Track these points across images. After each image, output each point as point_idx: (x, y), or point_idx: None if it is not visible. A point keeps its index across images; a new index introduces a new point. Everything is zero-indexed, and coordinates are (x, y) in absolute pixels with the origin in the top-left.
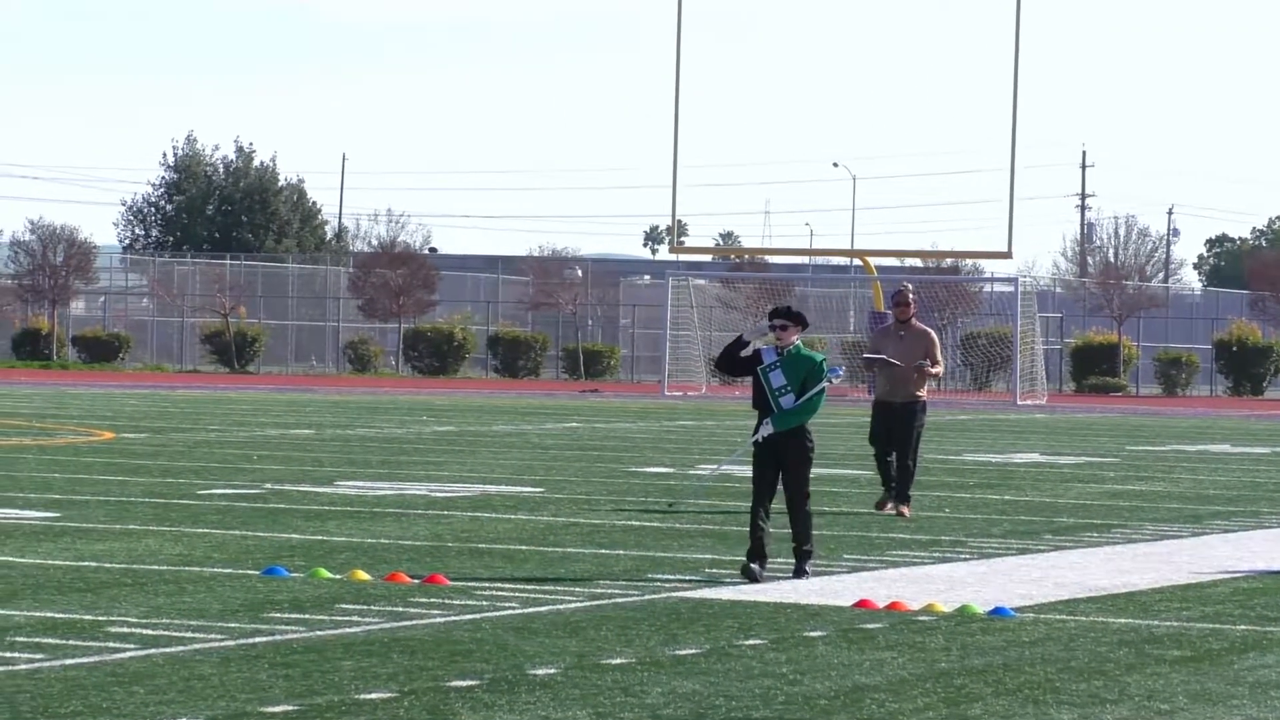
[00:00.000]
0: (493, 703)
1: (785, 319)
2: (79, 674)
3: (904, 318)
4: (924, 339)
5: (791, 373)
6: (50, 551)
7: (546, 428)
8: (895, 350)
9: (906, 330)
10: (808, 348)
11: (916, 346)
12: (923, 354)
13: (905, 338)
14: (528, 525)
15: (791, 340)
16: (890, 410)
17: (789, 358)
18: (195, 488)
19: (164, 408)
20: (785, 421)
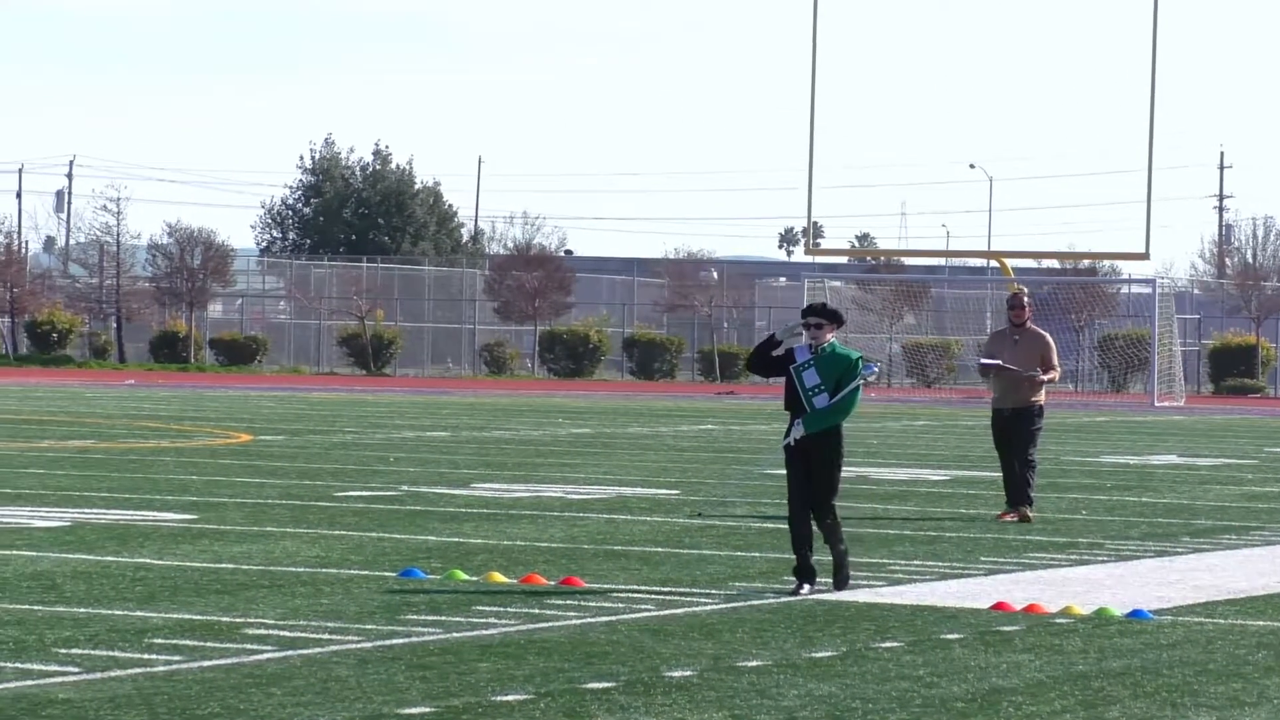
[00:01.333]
0: (629, 705)
1: (820, 317)
2: (216, 676)
3: (1019, 321)
4: (1039, 343)
5: (826, 372)
6: (188, 553)
7: (682, 430)
8: (1010, 355)
9: (1022, 334)
10: (843, 346)
11: (1032, 351)
12: (1038, 359)
13: (1020, 342)
14: (663, 527)
15: (826, 339)
16: (1007, 415)
17: (823, 357)
18: (332, 490)
19: (300, 410)
20: (817, 422)
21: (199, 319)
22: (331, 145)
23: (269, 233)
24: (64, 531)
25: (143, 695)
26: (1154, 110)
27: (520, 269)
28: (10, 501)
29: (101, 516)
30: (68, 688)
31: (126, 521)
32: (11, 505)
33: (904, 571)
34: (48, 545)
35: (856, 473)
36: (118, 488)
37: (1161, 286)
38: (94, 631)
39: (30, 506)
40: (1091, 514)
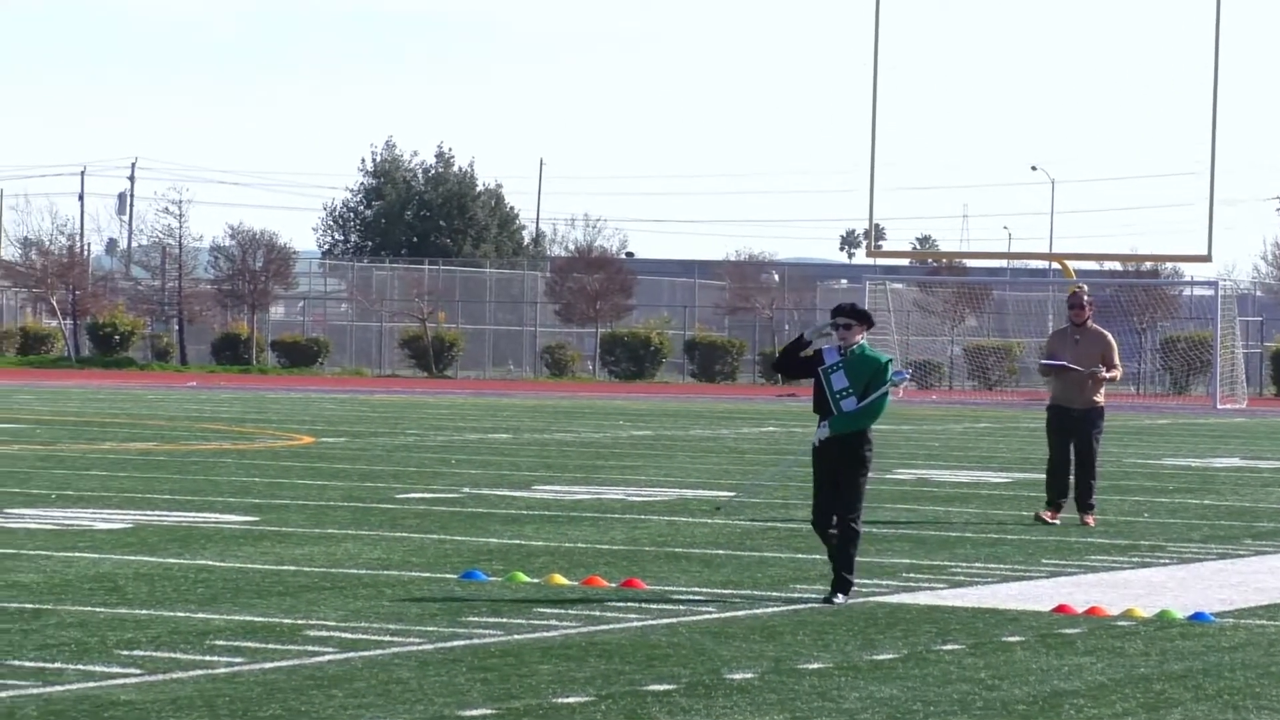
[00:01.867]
0: (690, 707)
1: (850, 318)
2: (278, 677)
3: (1079, 320)
4: (1100, 342)
5: (855, 375)
6: (250, 555)
7: (743, 432)
8: (1071, 354)
9: (1083, 334)
10: (873, 348)
11: (1093, 350)
12: (1099, 357)
13: (1081, 341)
14: (724, 529)
15: (856, 340)
16: (1067, 416)
17: (852, 359)
18: (394, 492)
19: (362, 412)
20: (843, 425)
21: (261, 321)
22: (393, 148)
23: (331, 235)
24: (126, 533)
25: (204, 697)
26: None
27: (581, 271)
28: (73, 503)
29: (164, 518)
30: (130, 689)
31: (189, 523)
32: (74, 507)
33: (966, 574)
34: (110, 547)
35: (918, 475)
36: (180, 490)
37: (1224, 289)
38: (156, 633)
39: (93, 508)
40: (1154, 516)
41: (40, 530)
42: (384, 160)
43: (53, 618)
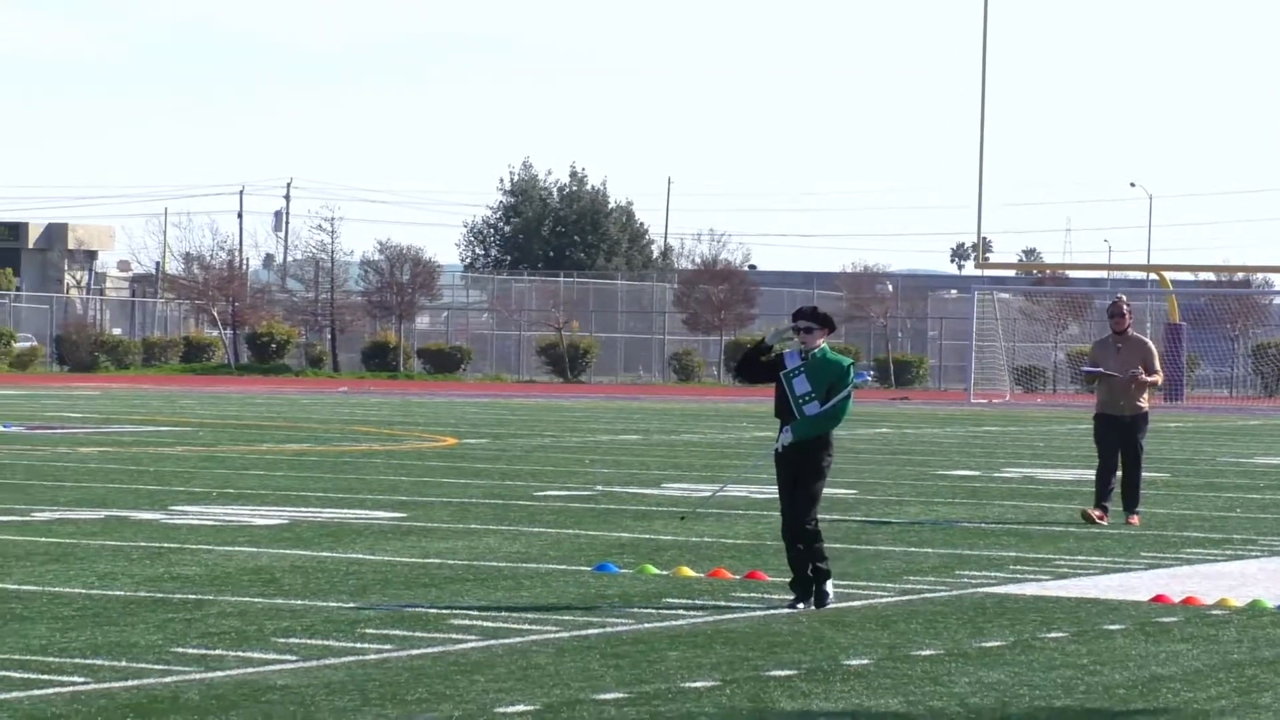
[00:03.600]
0: (809, 691)
1: (811, 321)
2: (424, 663)
3: (1120, 329)
4: (1141, 349)
5: (816, 379)
6: (398, 549)
7: (859, 433)
8: (1113, 362)
9: (1124, 342)
10: (834, 352)
11: (1134, 357)
12: (1139, 364)
13: (1123, 349)
14: (842, 525)
15: (817, 344)
16: (1112, 422)
17: (814, 363)
18: (532, 490)
19: (502, 415)
20: (806, 429)
21: (408, 330)
22: (530, 168)
23: (472, 249)
24: (282, 529)
25: (355, 681)
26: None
27: (707, 283)
28: (232, 501)
29: (317, 515)
30: (286, 674)
31: (340, 520)
32: (234, 504)
33: (1069, 566)
34: (267, 542)
35: (1025, 473)
36: (332, 488)
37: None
38: (310, 622)
39: (251, 505)
40: (1245, 512)
41: (202, 526)
42: (521, 180)
43: (214, 608)
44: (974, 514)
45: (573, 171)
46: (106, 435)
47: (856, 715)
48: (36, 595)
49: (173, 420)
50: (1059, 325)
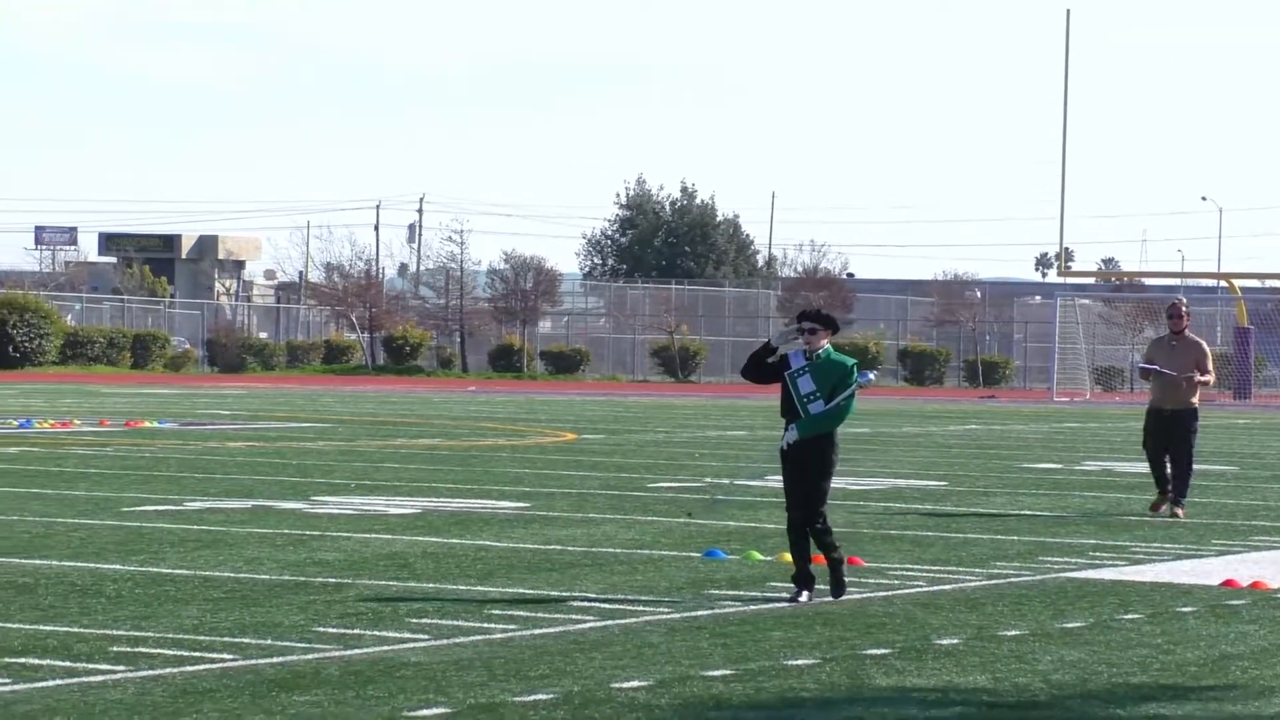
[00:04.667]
0: (903, 669)
1: (816, 322)
2: (546, 642)
3: (1177, 330)
4: (1194, 349)
5: (821, 378)
6: (521, 536)
7: (949, 429)
8: (1167, 360)
9: (1179, 341)
10: (838, 352)
11: (1187, 356)
12: (1192, 363)
13: (1177, 348)
14: (933, 514)
15: (821, 344)
16: (1164, 417)
17: (818, 363)
18: (645, 481)
19: (618, 412)
20: (811, 427)
21: (531, 334)
22: (644, 184)
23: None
24: (415, 518)
25: (482, 659)
26: None
27: (808, 290)
28: (369, 492)
29: (447, 505)
30: (418, 652)
31: (469, 509)
32: (370, 495)
33: (1144, 553)
34: (401, 529)
35: (1104, 466)
36: (461, 480)
37: None
38: (441, 604)
39: (386, 496)
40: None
41: (341, 515)
42: (636, 195)
43: (352, 590)
44: (1056, 504)
45: (683, 187)
46: (253, 431)
47: (947, 691)
48: (189, 579)
49: (314, 417)
50: (1135, 329)
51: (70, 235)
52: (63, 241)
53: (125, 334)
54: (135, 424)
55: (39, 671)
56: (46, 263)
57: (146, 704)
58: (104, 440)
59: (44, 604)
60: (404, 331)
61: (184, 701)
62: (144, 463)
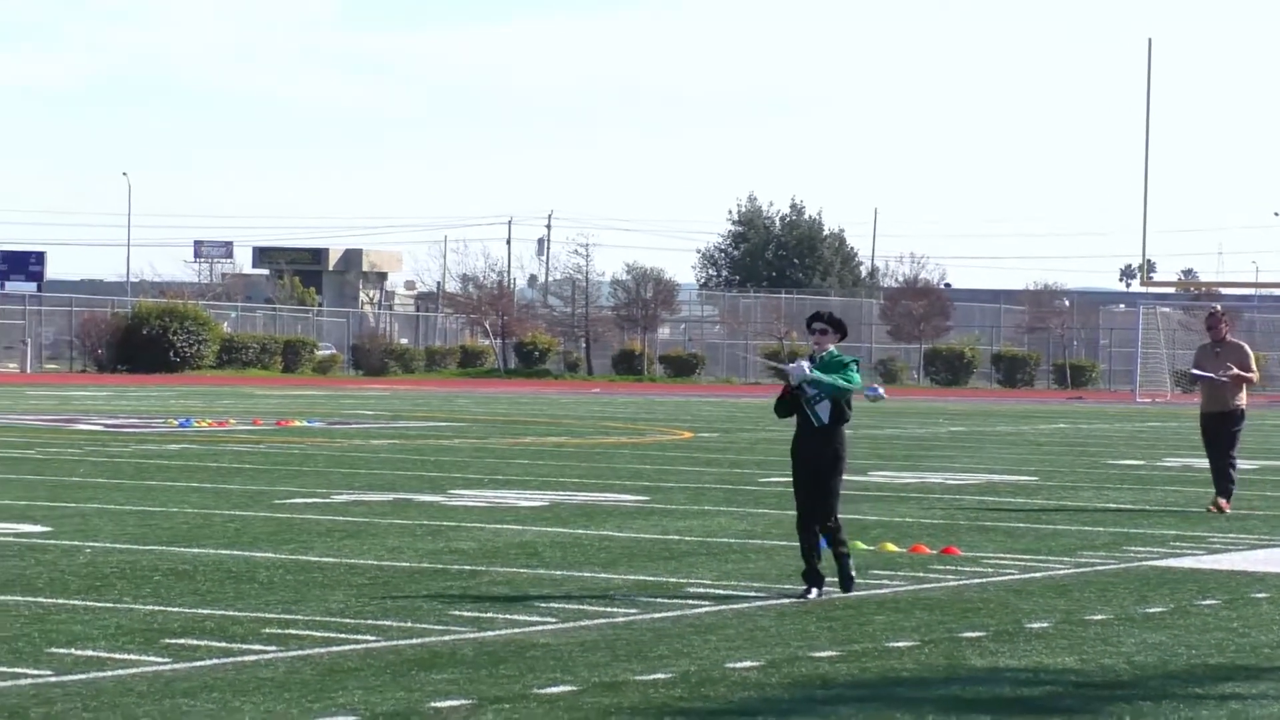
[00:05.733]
0: (997, 650)
1: (826, 324)
2: (664, 625)
3: (1217, 337)
4: (1237, 352)
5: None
6: (641, 527)
7: (1040, 428)
8: (1212, 365)
9: (1222, 346)
10: (840, 354)
11: (1230, 360)
12: (1236, 366)
13: (1221, 353)
14: (1024, 507)
15: (827, 347)
16: (1212, 419)
17: (822, 365)
18: (757, 476)
19: (731, 413)
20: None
21: (650, 340)
22: (755, 201)
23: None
24: (544, 509)
25: (606, 640)
26: None
27: (909, 299)
28: (501, 486)
29: (573, 498)
30: (546, 634)
31: (593, 502)
32: (503, 489)
33: (1221, 543)
34: (531, 520)
35: (1184, 463)
36: (586, 475)
37: None
38: (568, 590)
39: (517, 490)
40: None
41: (476, 507)
42: (748, 211)
43: (485, 577)
44: (1139, 498)
45: (792, 204)
46: (394, 430)
47: (1037, 672)
48: (335, 566)
49: (450, 417)
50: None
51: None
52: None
53: (277, 340)
54: (286, 423)
55: (197, 651)
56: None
57: (296, 682)
58: (257, 438)
59: (202, 589)
60: (533, 337)
61: (330, 679)
62: (294, 459)
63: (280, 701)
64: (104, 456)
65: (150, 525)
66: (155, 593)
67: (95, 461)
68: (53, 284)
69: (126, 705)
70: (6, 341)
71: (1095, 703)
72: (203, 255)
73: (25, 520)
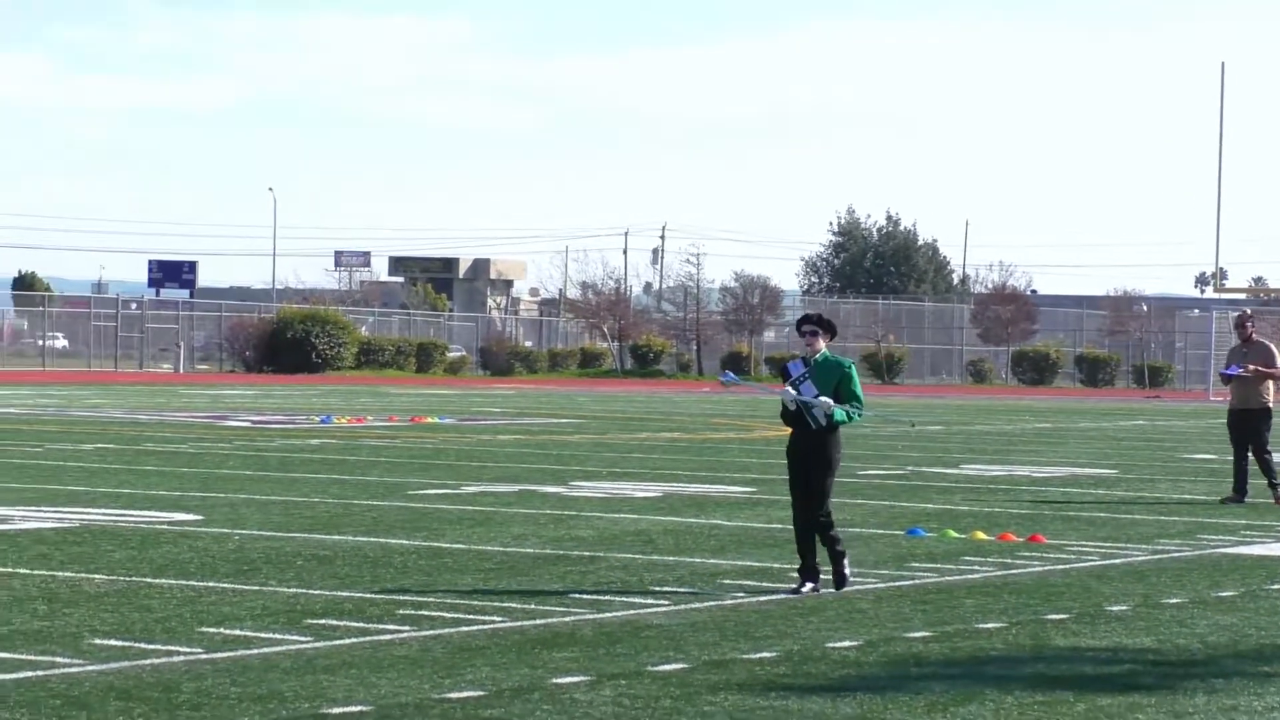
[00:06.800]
0: (1079, 631)
1: (815, 325)
2: (770, 607)
3: (1245, 337)
4: (1264, 352)
5: (823, 382)
6: (749, 517)
7: (1120, 424)
8: (1241, 365)
9: (1250, 347)
10: (835, 355)
11: (1257, 359)
12: (1261, 364)
13: (1249, 353)
14: (1105, 498)
15: (820, 348)
16: (1238, 415)
17: (818, 367)
18: (855, 469)
19: None
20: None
21: (757, 342)
22: (854, 213)
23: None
24: (658, 500)
25: (715, 621)
26: None
27: (997, 304)
28: (618, 478)
29: (685, 489)
30: (660, 615)
31: (704, 493)
32: (619, 481)
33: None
34: (646, 510)
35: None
36: (697, 468)
37: None
38: (680, 574)
39: (633, 482)
40: None
41: (594, 498)
42: (847, 222)
43: (603, 563)
44: (1212, 489)
45: (888, 216)
46: (519, 426)
47: (1117, 651)
48: (465, 552)
49: (571, 414)
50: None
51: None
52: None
53: (410, 343)
54: (419, 420)
55: (336, 631)
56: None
57: (428, 659)
58: (392, 434)
59: (341, 573)
60: (648, 340)
61: (460, 657)
62: (426, 453)
63: (413, 677)
64: (251, 451)
65: (293, 514)
66: (298, 576)
67: (243, 455)
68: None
69: (271, 680)
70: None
71: (1171, 680)
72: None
73: (179, 509)
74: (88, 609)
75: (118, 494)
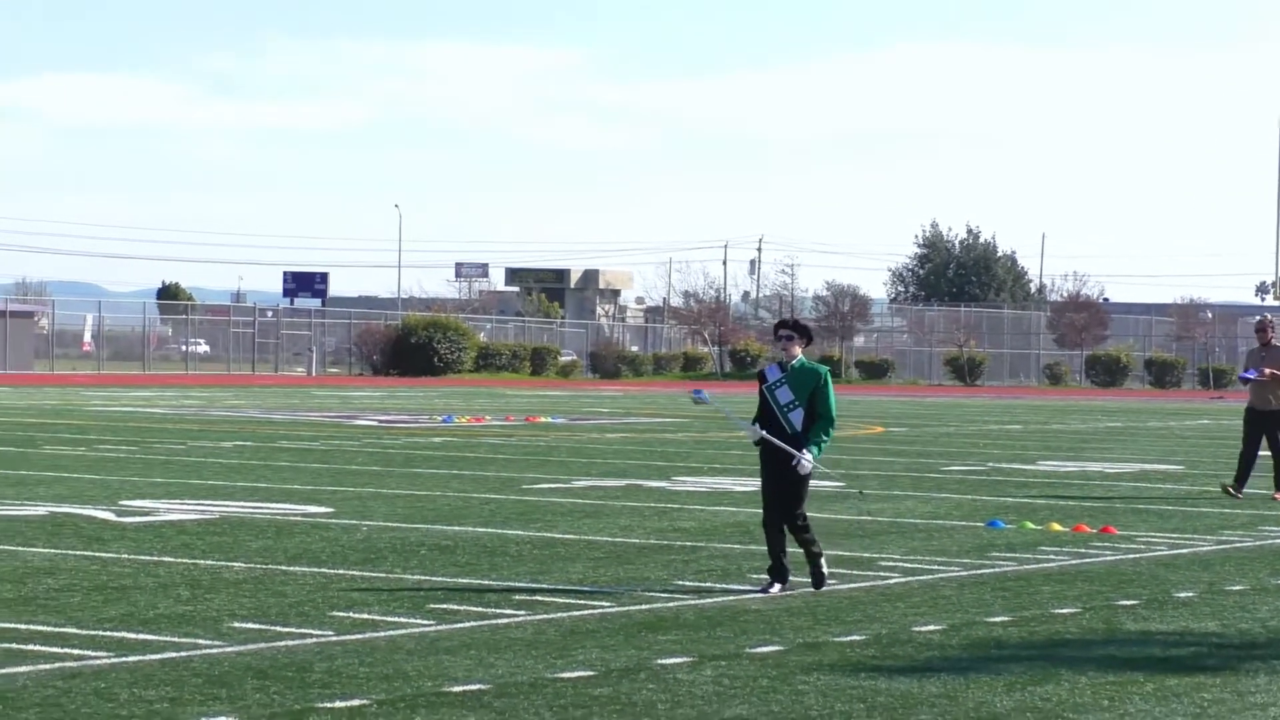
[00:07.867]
0: (1148, 616)
1: (791, 330)
2: (858, 594)
3: (1264, 341)
4: (1278, 355)
5: (797, 388)
6: (839, 509)
7: (1186, 424)
8: (1259, 369)
9: (1268, 351)
10: (811, 361)
11: (1275, 364)
12: (1278, 369)
13: (1267, 357)
14: (1173, 493)
15: (795, 354)
16: (1256, 414)
17: (793, 373)
18: (939, 465)
19: (918, 410)
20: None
21: (847, 347)
22: (936, 226)
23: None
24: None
25: (808, 607)
26: None
27: (1072, 312)
28: (720, 473)
29: None
30: (757, 602)
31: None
32: (721, 476)
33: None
34: (744, 503)
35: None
36: None
37: None
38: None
39: (733, 476)
40: None
41: (696, 491)
42: (931, 235)
43: (704, 552)
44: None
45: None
46: (626, 424)
47: (1184, 635)
48: (575, 542)
49: (674, 414)
50: None
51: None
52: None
53: (525, 348)
54: (533, 419)
55: (457, 615)
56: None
57: (541, 641)
58: (509, 432)
59: (461, 561)
60: (746, 345)
61: (571, 640)
62: (540, 450)
63: (528, 658)
64: (378, 448)
65: (417, 507)
66: (421, 564)
67: (370, 452)
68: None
69: (396, 661)
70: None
71: (1234, 661)
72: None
73: (312, 502)
74: (227, 594)
75: (255, 488)
